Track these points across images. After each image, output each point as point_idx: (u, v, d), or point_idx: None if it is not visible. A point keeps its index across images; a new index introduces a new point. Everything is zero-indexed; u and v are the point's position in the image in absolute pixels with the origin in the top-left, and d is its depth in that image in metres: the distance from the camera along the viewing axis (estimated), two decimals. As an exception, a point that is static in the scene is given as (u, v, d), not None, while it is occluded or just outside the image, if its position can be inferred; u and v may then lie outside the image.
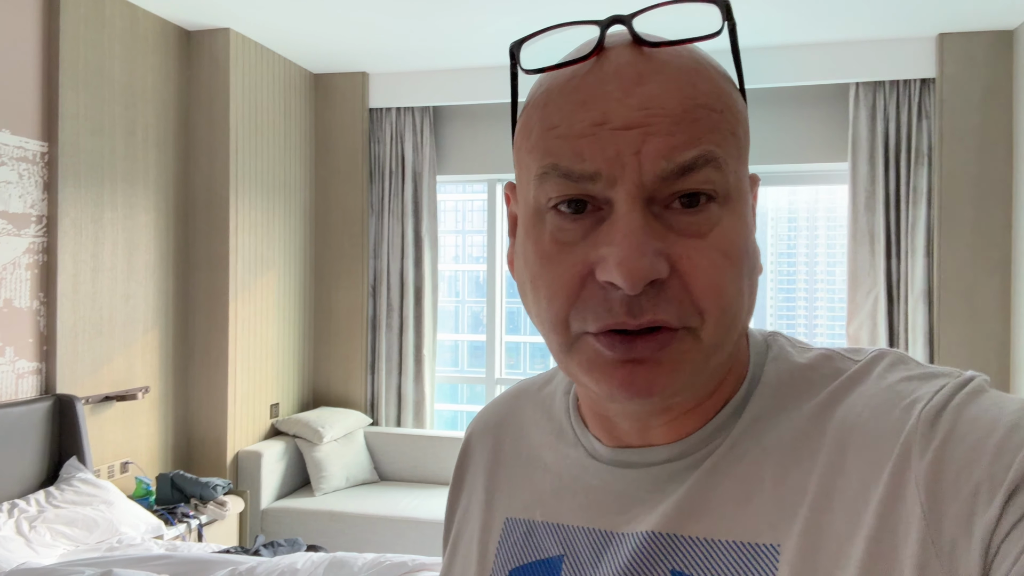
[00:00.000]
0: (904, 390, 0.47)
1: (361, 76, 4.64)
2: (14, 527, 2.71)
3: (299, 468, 4.30)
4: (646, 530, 0.51)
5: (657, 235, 0.44)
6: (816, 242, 4.72)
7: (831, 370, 0.51)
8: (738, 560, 0.47)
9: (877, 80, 4.02)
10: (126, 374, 3.58)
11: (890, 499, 0.43)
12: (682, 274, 0.45)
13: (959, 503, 0.41)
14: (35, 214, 3.16)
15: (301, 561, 2.38)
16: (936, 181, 3.93)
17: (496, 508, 0.61)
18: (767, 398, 0.52)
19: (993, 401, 0.44)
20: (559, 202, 0.47)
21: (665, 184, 0.45)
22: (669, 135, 0.44)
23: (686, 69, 0.46)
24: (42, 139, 3.19)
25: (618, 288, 0.44)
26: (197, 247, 4.00)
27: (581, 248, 0.46)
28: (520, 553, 0.57)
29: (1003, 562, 0.38)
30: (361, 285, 4.67)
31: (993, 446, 0.41)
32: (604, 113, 0.45)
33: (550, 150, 0.46)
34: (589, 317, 0.46)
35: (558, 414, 0.61)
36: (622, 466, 0.54)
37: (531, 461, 0.61)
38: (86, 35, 3.34)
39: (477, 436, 0.67)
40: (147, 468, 3.69)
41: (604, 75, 0.46)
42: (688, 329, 0.46)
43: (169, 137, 3.86)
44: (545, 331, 0.49)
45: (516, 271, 0.53)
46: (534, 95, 0.50)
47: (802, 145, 4.24)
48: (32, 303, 3.15)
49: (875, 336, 4.01)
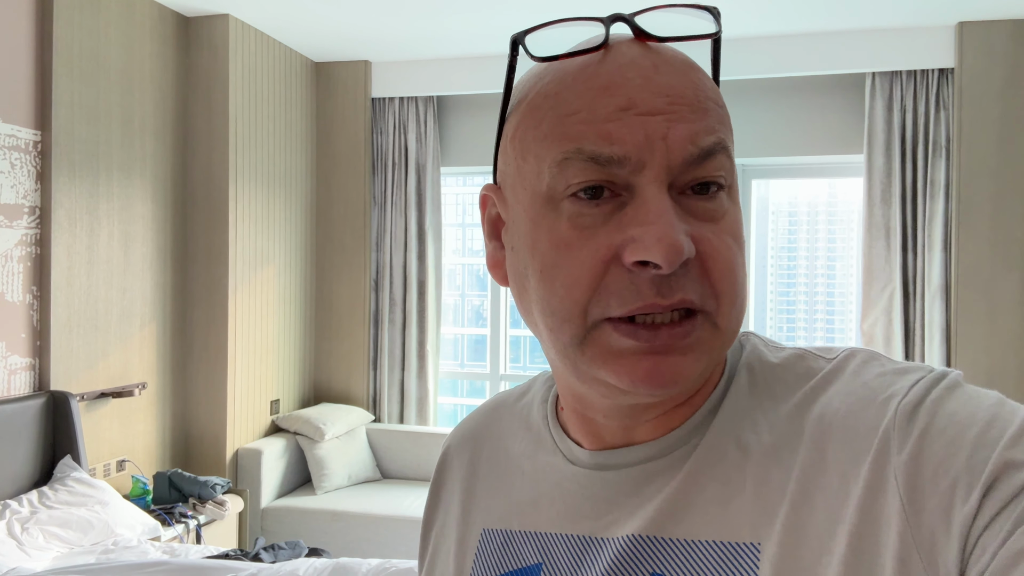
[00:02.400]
0: (879, 385, 0.48)
1: (363, 65, 4.53)
2: (6, 529, 2.61)
3: (300, 466, 4.21)
4: (626, 534, 0.51)
5: (681, 217, 0.45)
6: (817, 236, 4.63)
7: (805, 369, 0.52)
8: (719, 560, 0.47)
9: (894, 70, 3.92)
10: (122, 370, 3.49)
11: (870, 494, 0.43)
12: (703, 256, 0.46)
13: (938, 497, 0.41)
14: (28, 205, 3.06)
15: (303, 568, 2.29)
16: (954, 174, 3.83)
17: (473, 520, 0.61)
18: (743, 396, 0.52)
19: (969, 396, 0.45)
20: (579, 188, 0.46)
21: (688, 170, 0.46)
22: (691, 122, 0.45)
23: (688, 65, 0.48)
24: (35, 127, 3.08)
25: (646, 270, 0.44)
26: (196, 239, 3.90)
27: (604, 232, 0.46)
28: (498, 564, 0.57)
29: (982, 556, 0.39)
30: (363, 279, 4.57)
31: (971, 440, 0.42)
32: (629, 99, 0.45)
33: (572, 135, 0.46)
34: (613, 302, 0.45)
35: (536, 423, 0.61)
36: (601, 469, 0.54)
37: (509, 471, 0.61)
38: (81, 20, 3.23)
39: (454, 450, 0.67)
40: (144, 467, 3.60)
41: (621, 65, 0.47)
42: (705, 315, 0.46)
43: (167, 126, 3.75)
44: (556, 323, 0.48)
45: (513, 268, 0.52)
46: (538, 84, 0.50)
47: (816, 137, 4.15)
48: (25, 297, 3.05)
49: (890, 333, 3.92)
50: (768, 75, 4.08)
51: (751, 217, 4.46)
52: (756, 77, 4.12)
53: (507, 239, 0.53)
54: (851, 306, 4.59)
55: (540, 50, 0.49)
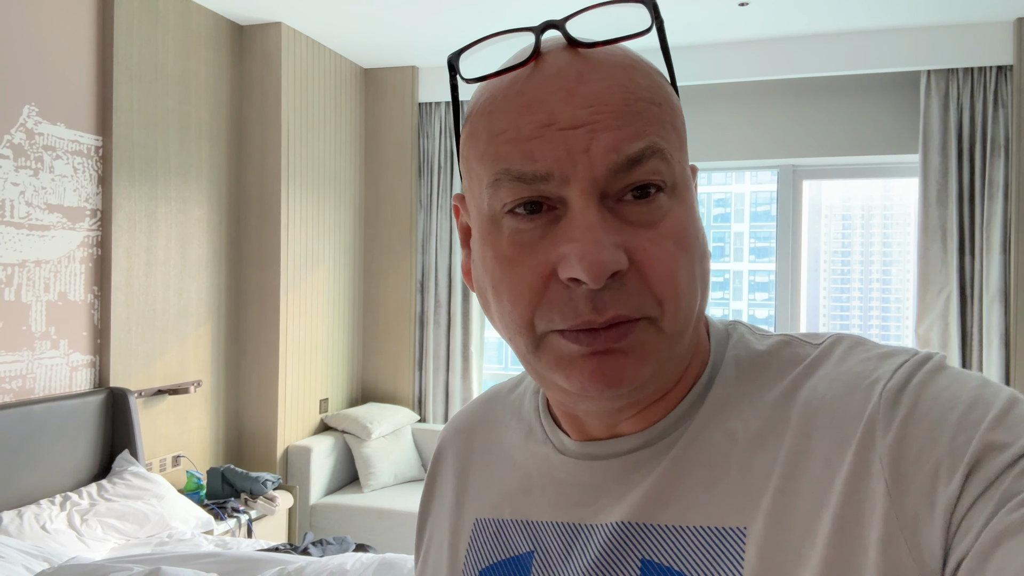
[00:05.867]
0: (864, 370, 0.48)
1: (411, 70, 4.59)
2: (66, 520, 2.72)
3: (348, 464, 4.27)
4: (615, 521, 0.51)
5: (613, 228, 0.45)
6: (872, 239, 4.53)
7: (791, 355, 0.52)
8: (706, 545, 0.48)
9: (950, 67, 3.82)
10: (178, 368, 3.59)
11: (855, 477, 0.44)
12: (639, 265, 0.46)
13: (921, 479, 0.42)
14: (89, 208, 3.18)
15: (350, 562, 2.34)
16: (1013, 174, 3.71)
17: (466, 511, 0.62)
18: (729, 385, 0.53)
19: (952, 378, 0.46)
20: (515, 205, 0.47)
21: (617, 178, 0.45)
22: (616, 129, 0.45)
23: (623, 66, 0.48)
24: (97, 133, 3.20)
25: (581, 285, 0.45)
26: (249, 242, 4.00)
27: (541, 248, 0.46)
28: (490, 552, 0.58)
29: (964, 537, 0.39)
30: (409, 281, 4.63)
31: (954, 422, 0.42)
32: (550, 114, 0.46)
33: (500, 156, 0.47)
34: (556, 316, 0.46)
35: (527, 414, 0.62)
36: (589, 458, 0.54)
37: (501, 462, 0.61)
38: (140, 29, 3.35)
39: (448, 442, 0.68)
40: (198, 462, 3.70)
41: (546, 78, 0.47)
42: (649, 320, 0.46)
43: (222, 132, 3.86)
44: (511, 334, 0.49)
45: (474, 280, 0.53)
46: (477, 103, 0.50)
47: (869, 136, 4.06)
48: (86, 296, 3.16)
49: (947, 338, 3.81)
50: (820, 74, 4.01)
51: (803, 218, 4.39)
52: (808, 76, 4.06)
53: (471, 250, 0.54)
54: (907, 311, 4.48)
55: (480, 66, 0.50)
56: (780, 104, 4.20)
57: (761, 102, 4.22)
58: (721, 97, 4.20)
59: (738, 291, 4.93)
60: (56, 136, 3.03)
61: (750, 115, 4.23)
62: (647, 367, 0.47)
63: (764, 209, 4.71)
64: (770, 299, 4.40)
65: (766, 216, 4.58)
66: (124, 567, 2.13)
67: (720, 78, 4.10)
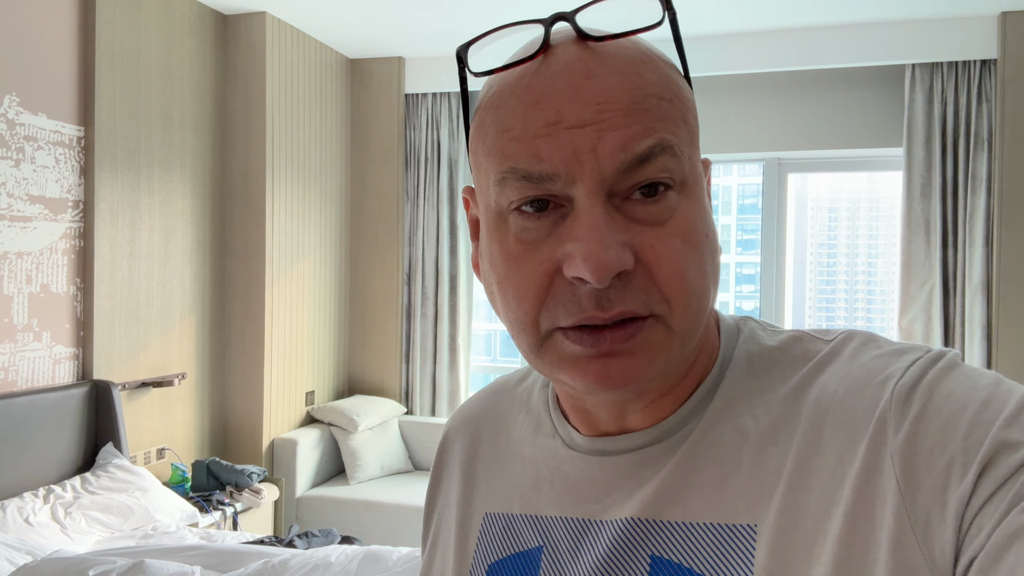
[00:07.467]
0: (876, 367, 0.48)
1: (397, 61, 4.57)
2: (49, 513, 2.70)
3: (334, 456, 4.27)
4: (625, 516, 0.51)
5: (620, 227, 0.45)
6: (857, 231, 4.55)
7: (802, 351, 0.52)
8: (716, 541, 0.48)
9: (935, 61, 3.84)
10: (162, 360, 3.58)
11: (866, 474, 0.43)
12: (647, 264, 0.45)
13: (933, 477, 0.41)
14: (72, 199, 3.15)
15: (335, 554, 2.34)
16: (996, 168, 3.74)
17: (474, 504, 0.61)
18: (740, 380, 0.52)
19: (966, 375, 0.45)
20: (521, 203, 0.47)
21: (624, 176, 0.45)
22: (624, 128, 0.44)
23: (633, 60, 0.47)
24: (79, 124, 3.17)
25: (586, 283, 0.44)
26: (233, 234, 3.97)
27: (546, 246, 0.46)
28: (499, 547, 0.58)
29: (977, 535, 0.39)
30: (396, 273, 4.62)
31: (967, 420, 0.42)
32: (557, 112, 0.45)
33: (507, 153, 0.46)
34: (560, 313, 0.46)
35: (536, 408, 0.61)
36: (599, 454, 0.54)
37: (509, 456, 0.61)
38: (122, 19, 3.32)
39: (454, 433, 0.68)
40: (183, 455, 3.69)
41: (554, 73, 0.46)
42: (656, 317, 0.46)
43: (205, 122, 3.83)
44: (515, 331, 0.49)
45: (482, 274, 0.53)
46: (486, 96, 0.50)
47: (854, 130, 4.08)
48: (69, 288, 3.14)
49: (929, 330, 3.84)
50: (806, 67, 4.02)
51: (789, 211, 4.41)
52: (793, 69, 4.07)
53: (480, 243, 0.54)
54: (893, 303, 4.51)
55: (489, 60, 0.50)
56: (766, 97, 4.21)
57: (747, 95, 4.23)
58: (707, 90, 4.20)
59: (724, 283, 4.95)
60: (37, 126, 2.99)
61: (736, 108, 4.23)
62: (654, 365, 0.47)
63: (751, 202, 4.73)
64: (756, 291, 4.43)
65: (752, 209, 4.60)
66: (108, 560, 2.12)
67: (706, 71, 4.10)
